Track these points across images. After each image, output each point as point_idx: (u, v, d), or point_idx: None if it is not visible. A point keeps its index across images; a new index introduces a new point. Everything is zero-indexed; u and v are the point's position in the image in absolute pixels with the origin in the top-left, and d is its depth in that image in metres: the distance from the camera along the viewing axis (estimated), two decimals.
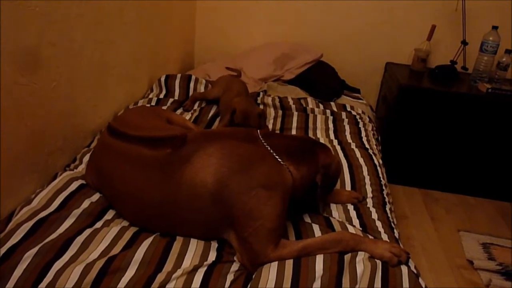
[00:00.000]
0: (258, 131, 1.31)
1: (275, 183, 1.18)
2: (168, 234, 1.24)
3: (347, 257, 1.15)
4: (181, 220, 1.21)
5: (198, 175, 1.18)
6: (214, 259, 1.17)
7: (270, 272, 1.10)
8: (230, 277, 1.12)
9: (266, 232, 1.14)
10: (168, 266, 1.12)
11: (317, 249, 1.16)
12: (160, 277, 1.07)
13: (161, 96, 2.31)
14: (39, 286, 1.03)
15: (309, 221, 1.35)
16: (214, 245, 1.24)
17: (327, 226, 1.33)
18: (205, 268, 1.13)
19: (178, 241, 1.21)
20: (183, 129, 1.41)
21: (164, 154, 1.23)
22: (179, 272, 1.09)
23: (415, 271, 1.15)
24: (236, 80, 2.32)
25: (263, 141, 1.25)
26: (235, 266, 1.16)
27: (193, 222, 1.21)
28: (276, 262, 1.13)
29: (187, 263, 1.14)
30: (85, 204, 1.32)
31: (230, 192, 1.15)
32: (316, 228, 1.30)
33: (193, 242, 1.22)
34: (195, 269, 1.12)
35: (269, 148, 1.24)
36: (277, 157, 1.23)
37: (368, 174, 1.69)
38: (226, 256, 1.20)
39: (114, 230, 1.24)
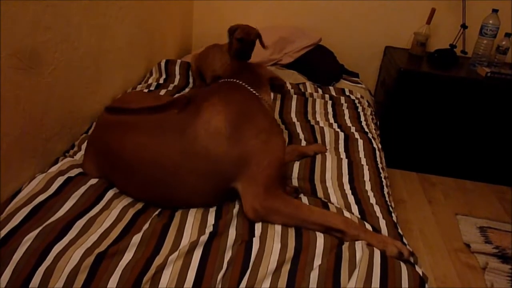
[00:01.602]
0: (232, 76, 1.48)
1: (274, 124, 1.37)
2: (166, 213, 1.25)
3: (345, 246, 1.15)
4: (196, 176, 1.25)
5: (211, 124, 1.26)
6: (212, 228, 1.19)
7: (271, 257, 1.10)
8: (227, 256, 1.12)
9: (274, 170, 1.26)
10: (166, 248, 1.13)
11: (320, 216, 1.22)
12: (158, 260, 1.08)
13: (161, 81, 2.29)
14: (38, 269, 1.03)
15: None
16: (211, 220, 1.26)
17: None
18: (201, 249, 1.13)
19: (175, 223, 1.23)
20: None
21: (172, 115, 1.30)
22: (175, 254, 1.10)
23: (420, 273, 1.13)
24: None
25: (243, 84, 1.43)
26: (230, 240, 1.16)
27: (209, 174, 1.25)
28: (277, 250, 1.12)
29: (185, 241, 1.15)
30: (84, 188, 1.32)
31: (242, 135, 1.26)
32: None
33: (190, 221, 1.24)
34: (192, 249, 1.12)
35: (251, 89, 1.43)
36: (257, 94, 1.44)
37: (365, 157, 1.69)
38: (222, 227, 1.21)
39: (113, 213, 1.25)
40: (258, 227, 1.21)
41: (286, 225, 1.22)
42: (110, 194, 1.34)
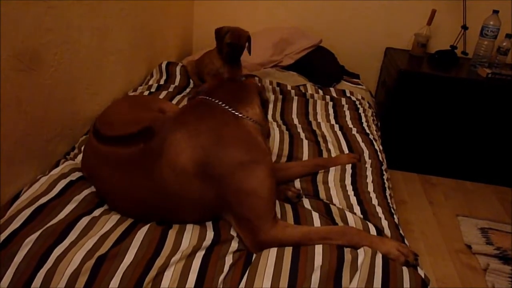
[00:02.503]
0: (203, 94, 1.31)
1: (254, 151, 1.18)
2: (164, 222, 1.24)
3: (347, 249, 1.14)
4: (176, 209, 1.20)
5: (177, 164, 1.16)
6: (212, 237, 1.18)
7: (269, 257, 1.10)
8: (228, 260, 1.12)
9: (262, 204, 1.14)
10: (166, 249, 1.13)
11: (320, 237, 1.14)
12: (158, 262, 1.08)
13: (162, 82, 2.29)
14: (39, 272, 1.03)
15: (309, 207, 1.36)
16: (210, 225, 1.25)
17: (327, 213, 1.33)
18: (203, 252, 1.13)
19: (175, 226, 1.22)
20: (157, 118, 1.33)
21: (137, 150, 1.21)
22: (177, 256, 1.10)
23: (422, 275, 1.13)
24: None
25: (217, 101, 1.25)
26: (233, 246, 1.17)
27: (189, 208, 1.20)
28: (275, 250, 1.12)
29: (185, 245, 1.15)
30: (85, 192, 1.32)
31: (214, 170, 1.14)
32: (315, 216, 1.30)
33: (190, 225, 1.23)
34: (193, 252, 1.12)
35: (226, 106, 1.24)
36: (236, 113, 1.24)
37: (369, 159, 1.69)
38: (224, 234, 1.20)
39: (114, 217, 1.25)
40: None
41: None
42: None
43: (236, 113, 1.25)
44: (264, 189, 1.16)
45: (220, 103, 1.26)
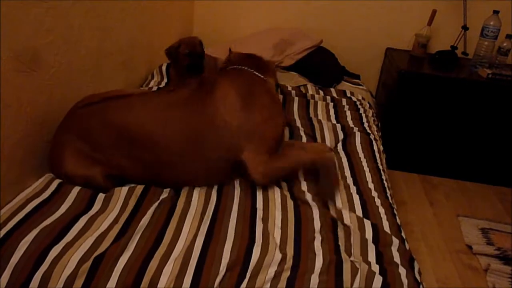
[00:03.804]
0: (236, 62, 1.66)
1: (273, 99, 1.53)
2: (162, 216, 1.24)
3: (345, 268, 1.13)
4: (214, 148, 1.38)
5: (227, 99, 1.43)
6: (204, 238, 1.19)
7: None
8: (224, 261, 1.11)
9: (274, 141, 1.47)
10: (160, 251, 1.13)
11: (297, 164, 1.48)
12: (154, 263, 1.08)
13: (162, 84, 2.28)
14: (36, 274, 1.03)
15: (309, 200, 1.37)
16: (207, 222, 1.25)
17: (325, 207, 1.35)
18: (198, 252, 1.13)
19: (171, 226, 1.22)
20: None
21: (187, 94, 1.44)
22: (172, 258, 1.10)
23: (418, 277, 1.14)
24: None
25: (246, 68, 1.61)
26: (228, 244, 1.17)
27: (224, 146, 1.39)
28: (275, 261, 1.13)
29: (180, 244, 1.16)
30: (76, 190, 1.33)
31: (250, 111, 1.43)
32: (315, 209, 1.32)
33: (189, 219, 1.24)
34: (189, 253, 1.12)
35: (253, 71, 1.60)
36: (262, 77, 1.60)
37: (369, 159, 1.69)
38: (217, 233, 1.21)
39: (111, 216, 1.25)
40: (258, 232, 1.22)
41: (287, 178, 1.47)
42: (101, 196, 1.34)
43: (262, 77, 1.60)
44: (280, 131, 1.52)
45: (248, 69, 1.61)
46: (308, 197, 1.38)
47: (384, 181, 1.61)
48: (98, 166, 1.37)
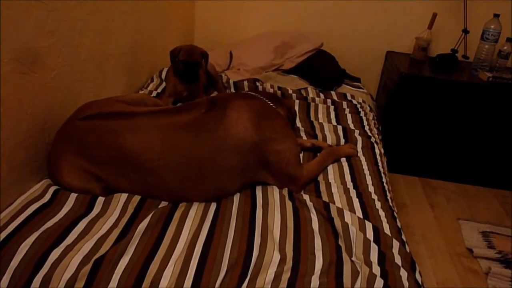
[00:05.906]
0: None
1: (286, 123, 1.53)
2: (161, 219, 1.24)
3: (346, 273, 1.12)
4: (227, 170, 1.36)
5: (239, 122, 1.38)
6: (204, 240, 1.18)
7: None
8: (224, 264, 1.11)
9: (294, 158, 1.47)
10: (160, 254, 1.13)
11: (324, 161, 1.61)
12: (154, 266, 1.08)
13: (160, 89, 2.27)
14: (36, 277, 1.03)
15: (308, 201, 1.37)
16: (207, 226, 1.25)
17: (325, 208, 1.35)
18: (199, 254, 1.13)
19: (171, 230, 1.22)
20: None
21: (198, 115, 1.38)
22: (172, 261, 1.10)
23: (419, 280, 1.14)
24: None
25: (258, 95, 1.58)
26: (227, 248, 1.17)
27: (238, 169, 1.38)
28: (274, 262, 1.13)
29: (180, 247, 1.15)
30: (74, 194, 1.33)
31: (263, 135, 1.40)
32: (314, 216, 1.31)
33: (188, 224, 1.24)
34: (189, 254, 1.12)
35: (264, 99, 1.57)
36: (271, 104, 1.57)
37: (367, 162, 1.69)
38: (217, 238, 1.20)
39: (111, 218, 1.25)
40: (257, 233, 1.21)
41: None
42: (101, 199, 1.34)
43: (272, 105, 1.57)
44: (295, 147, 1.51)
45: (260, 96, 1.58)
46: (307, 197, 1.39)
47: (385, 184, 1.61)
48: (96, 181, 1.36)
